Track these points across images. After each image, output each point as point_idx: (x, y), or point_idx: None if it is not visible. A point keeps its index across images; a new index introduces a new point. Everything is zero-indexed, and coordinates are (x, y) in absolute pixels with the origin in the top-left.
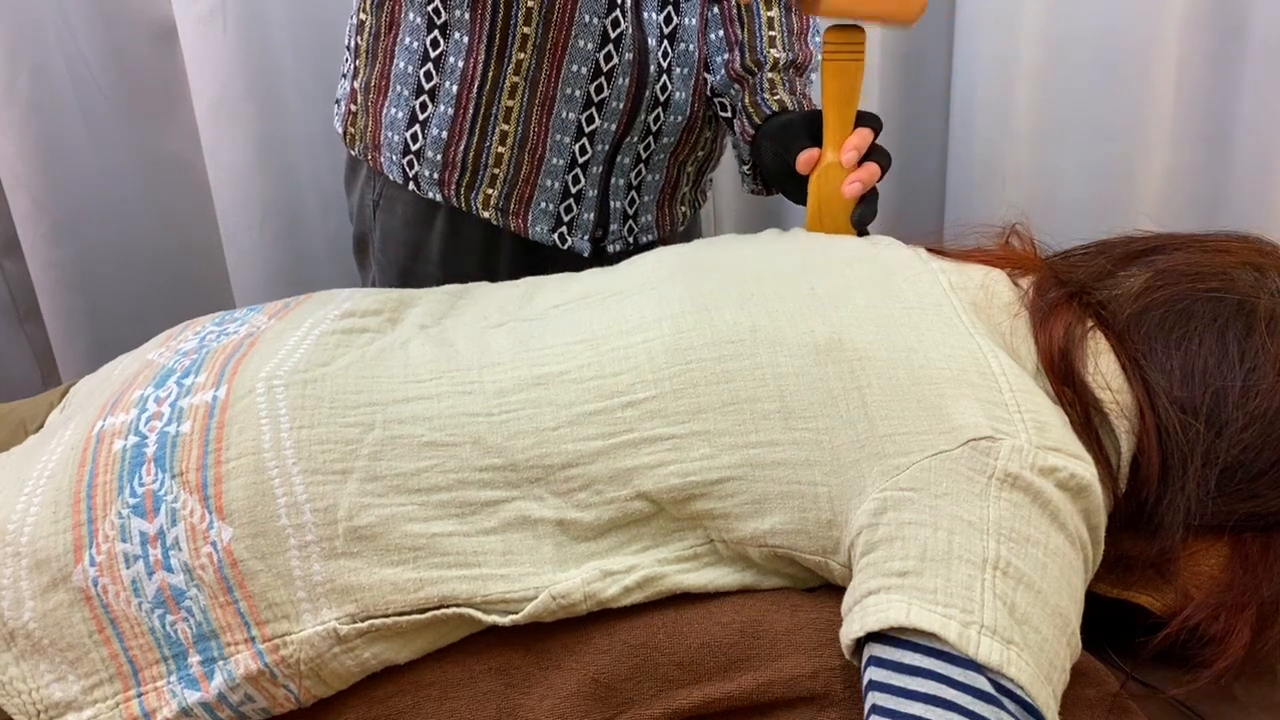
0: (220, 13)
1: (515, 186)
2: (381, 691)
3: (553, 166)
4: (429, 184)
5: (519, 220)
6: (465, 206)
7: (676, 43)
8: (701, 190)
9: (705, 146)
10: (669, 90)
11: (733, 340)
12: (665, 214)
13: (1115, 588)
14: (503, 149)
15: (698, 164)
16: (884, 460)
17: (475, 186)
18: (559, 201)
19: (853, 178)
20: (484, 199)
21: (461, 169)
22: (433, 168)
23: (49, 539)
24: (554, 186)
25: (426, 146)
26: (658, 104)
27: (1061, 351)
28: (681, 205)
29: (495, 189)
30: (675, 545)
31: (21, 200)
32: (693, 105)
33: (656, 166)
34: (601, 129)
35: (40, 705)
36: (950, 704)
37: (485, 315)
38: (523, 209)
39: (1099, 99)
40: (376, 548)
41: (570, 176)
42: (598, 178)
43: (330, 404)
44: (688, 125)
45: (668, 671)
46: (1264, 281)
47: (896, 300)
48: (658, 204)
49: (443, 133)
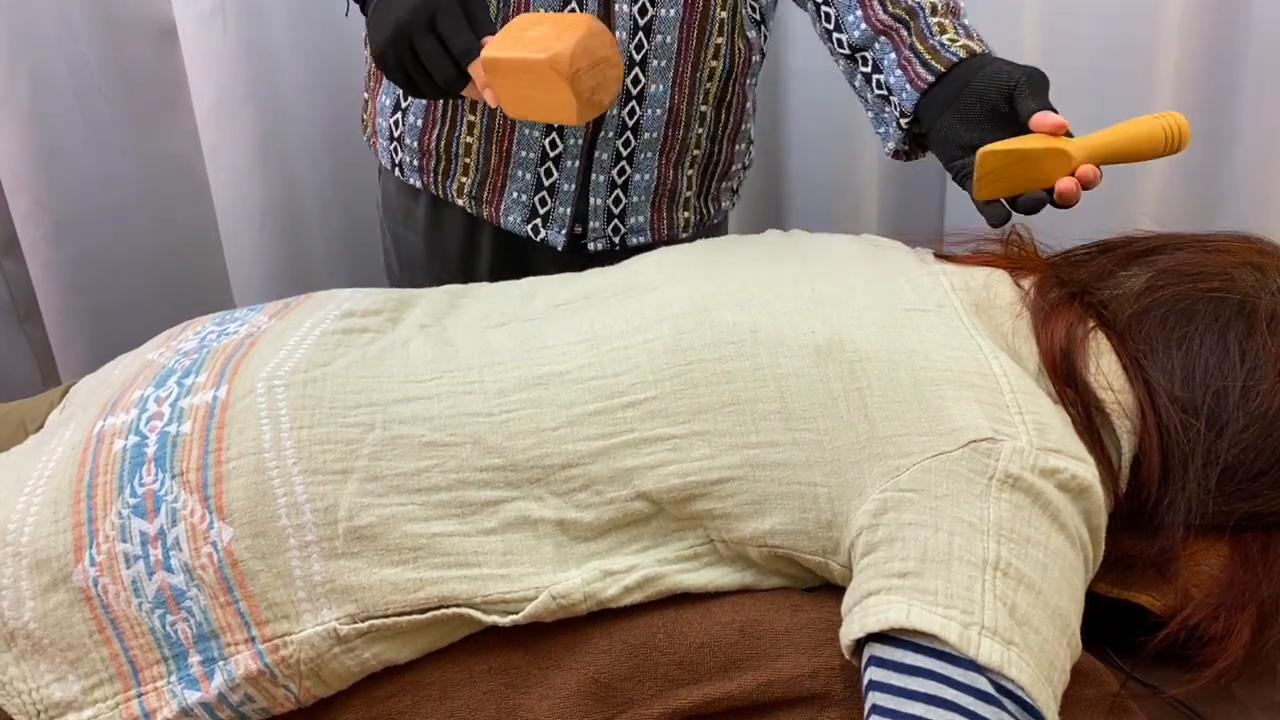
0: (220, 12)
1: (487, 176)
2: (381, 691)
3: (522, 159)
4: (410, 170)
5: (492, 209)
6: (443, 195)
7: (653, 35)
8: (714, 198)
9: (701, 146)
10: (642, 83)
11: (733, 341)
12: (661, 217)
13: (1115, 588)
14: (470, 139)
15: (698, 166)
16: (884, 461)
17: (450, 175)
18: (533, 193)
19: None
20: (458, 187)
21: (436, 157)
22: (412, 154)
23: (49, 539)
24: (526, 178)
25: (405, 134)
26: (630, 98)
27: (1063, 352)
28: (684, 211)
29: (468, 178)
30: (675, 545)
31: (21, 201)
32: (674, 99)
33: (644, 166)
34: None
35: (40, 705)
36: (950, 704)
37: (486, 315)
38: (496, 198)
39: (1099, 99)
40: (377, 548)
41: (543, 169)
42: (574, 173)
43: (330, 404)
44: (670, 120)
45: (668, 671)
46: (1265, 282)
47: (898, 302)
48: (652, 205)
49: (418, 120)
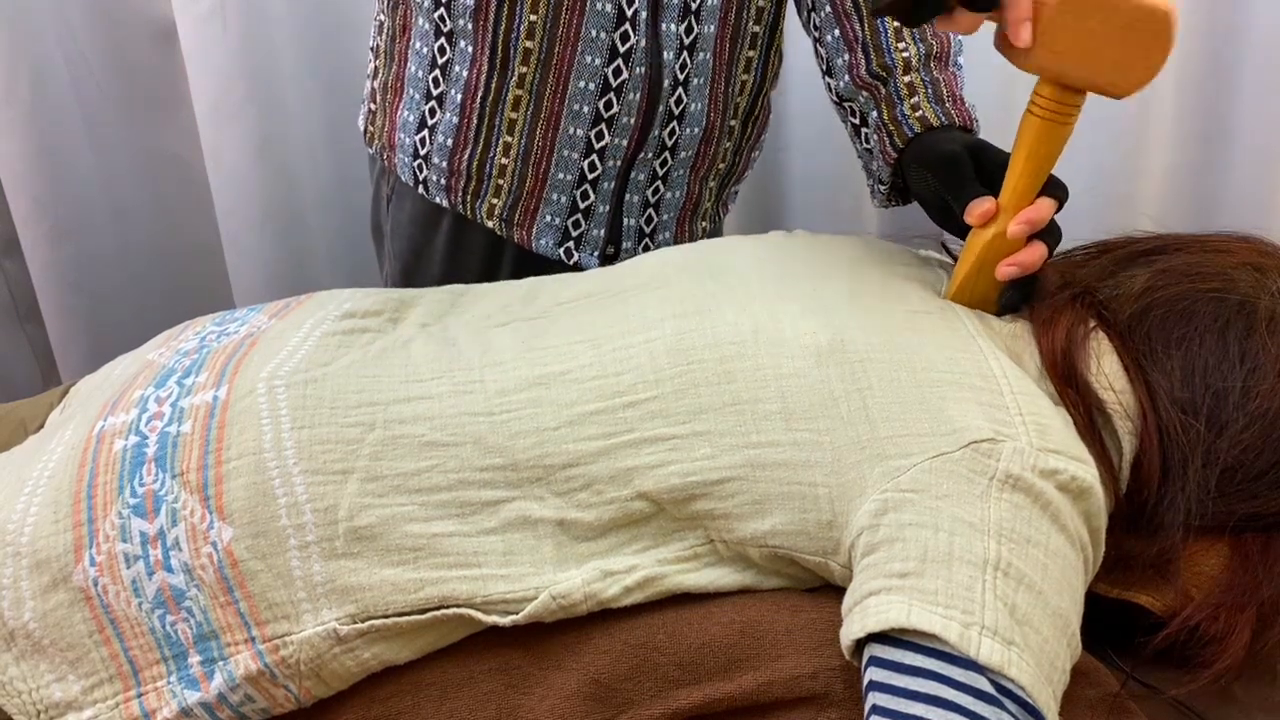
0: (220, 13)
1: (520, 199)
2: (381, 691)
3: (559, 181)
4: (437, 189)
5: (523, 232)
6: (470, 215)
7: (696, 53)
8: (723, 204)
9: (725, 159)
10: (684, 103)
11: (734, 341)
12: (684, 231)
13: (1115, 588)
14: (506, 160)
15: (719, 178)
16: (885, 462)
17: (480, 195)
18: (566, 216)
19: (1012, 260)
20: (489, 208)
21: (467, 177)
22: (440, 174)
23: (49, 539)
24: (561, 201)
25: (433, 153)
26: (672, 118)
27: (1064, 353)
28: (702, 221)
29: (500, 199)
30: (675, 545)
31: (21, 200)
32: (709, 116)
33: (676, 184)
34: (612, 145)
35: (40, 705)
36: (951, 704)
37: (488, 314)
38: (528, 221)
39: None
40: (377, 548)
41: (579, 192)
42: (610, 194)
43: (331, 404)
44: (705, 137)
45: (668, 671)
46: (1265, 282)
47: (900, 303)
48: (677, 221)
49: (448, 140)
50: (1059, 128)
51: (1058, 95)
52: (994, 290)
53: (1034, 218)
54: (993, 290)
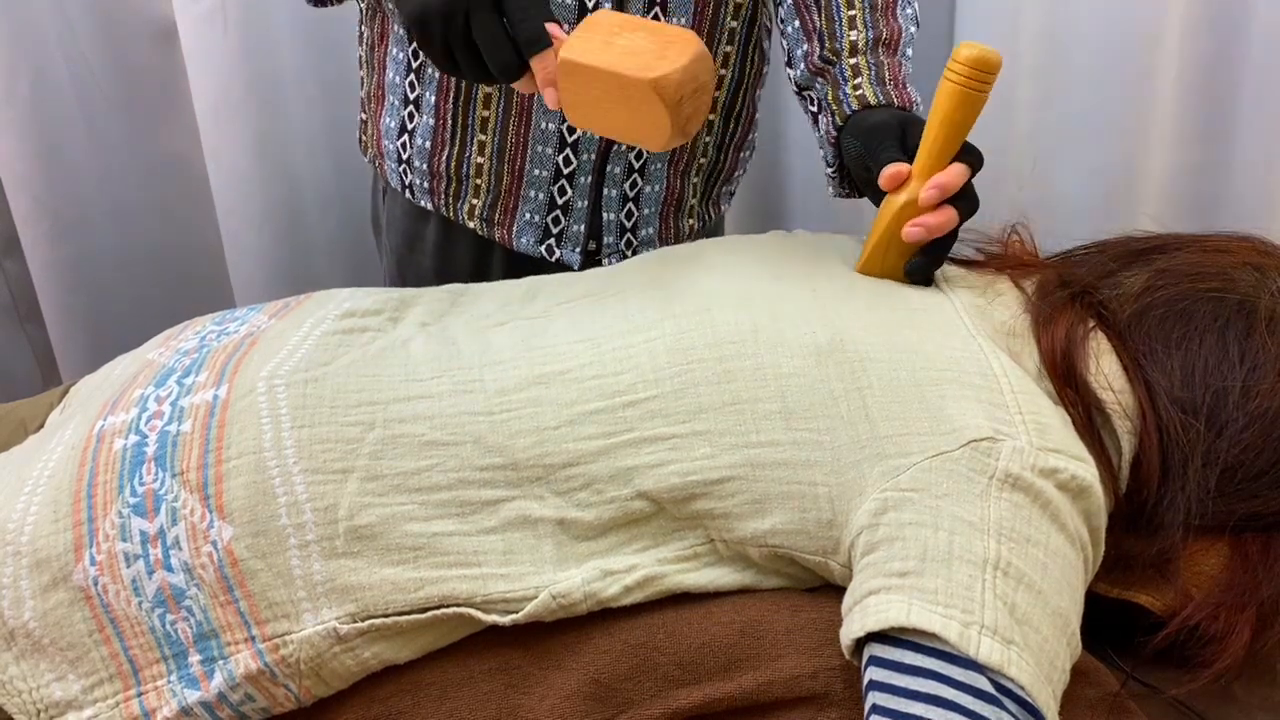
0: (220, 13)
1: (499, 197)
2: (381, 691)
3: (535, 177)
4: (421, 193)
5: (504, 231)
6: (453, 216)
7: None
8: (714, 202)
9: (707, 154)
10: None
11: (734, 340)
12: (669, 227)
13: (1115, 588)
14: (482, 159)
15: (703, 173)
16: (885, 461)
17: (461, 197)
18: (545, 213)
19: (918, 220)
20: (469, 209)
21: (447, 179)
22: (422, 177)
23: (49, 538)
24: (539, 198)
25: (414, 156)
26: None
27: (1063, 352)
28: (689, 218)
29: (480, 199)
30: (675, 545)
31: (22, 200)
32: None
33: (655, 178)
34: (585, 138)
35: (40, 705)
36: (951, 704)
37: (487, 313)
38: (508, 220)
39: (1099, 99)
40: (377, 547)
41: (556, 188)
42: (587, 189)
43: (331, 403)
44: None
45: (668, 671)
46: (1264, 282)
47: (899, 302)
48: (660, 216)
49: (426, 143)
50: (974, 94)
51: (973, 62)
52: (903, 258)
53: (945, 182)
54: (901, 258)
